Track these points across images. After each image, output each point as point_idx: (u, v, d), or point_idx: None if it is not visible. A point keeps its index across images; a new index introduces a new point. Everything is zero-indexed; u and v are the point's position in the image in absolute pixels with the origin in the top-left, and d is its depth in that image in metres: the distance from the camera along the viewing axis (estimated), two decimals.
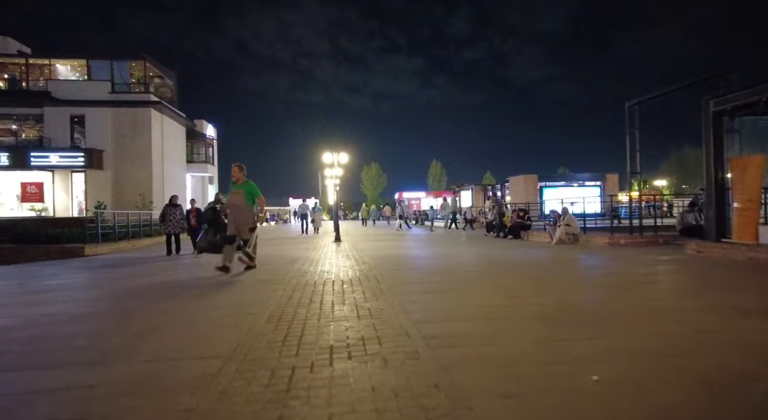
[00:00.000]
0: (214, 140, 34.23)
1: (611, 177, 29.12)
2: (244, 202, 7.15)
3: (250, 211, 7.25)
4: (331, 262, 8.41)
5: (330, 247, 12.57)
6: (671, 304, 4.52)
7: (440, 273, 6.89)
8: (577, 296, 4.95)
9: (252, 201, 7.24)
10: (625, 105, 10.82)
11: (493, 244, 12.68)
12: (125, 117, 25.97)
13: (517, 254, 9.63)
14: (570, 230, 12.08)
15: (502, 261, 8.33)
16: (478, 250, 10.73)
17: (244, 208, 7.18)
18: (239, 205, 7.17)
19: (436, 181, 65.97)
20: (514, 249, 11.04)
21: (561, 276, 6.49)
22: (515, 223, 14.66)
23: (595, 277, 6.33)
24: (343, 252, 10.73)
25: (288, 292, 5.39)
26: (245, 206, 7.18)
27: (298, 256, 9.73)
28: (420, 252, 10.66)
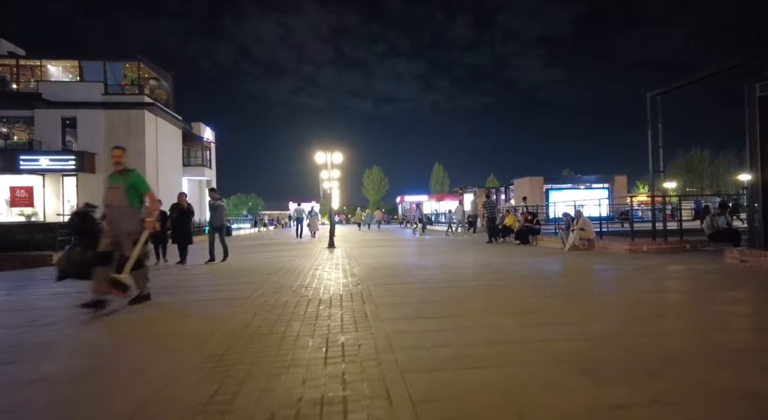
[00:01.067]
0: (211, 143, 33.25)
1: (619, 179, 27.89)
2: (124, 201, 4.92)
3: (133, 214, 4.97)
4: (316, 274, 7.27)
5: (321, 254, 11.44)
6: (745, 339, 3.35)
7: (439, 288, 5.73)
8: (612, 325, 3.78)
9: (137, 200, 5.03)
10: (647, 96, 9.64)
11: (498, 251, 11.51)
12: (118, 119, 25.02)
13: (528, 263, 8.46)
14: (584, 235, 10.89)
15: (510, 272, 7.17)
16: (483, 259, 9.56)
17: (124, 209, 4.91)
18: (118, 206, 4.91)
19: (439, 184, 64.68)
20: (523, 257, 9.86)
21: (584, 294, 5.32)
22: (523, 226, 13.47)
23: (626, 294, 5.16)
24: (334, 260, 9.60)
25: (247, 317, 4.24)
26: (126, 207, 4.92)
27: (281, 266, 8.60)
28: (418, 261, 9.50)
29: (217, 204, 9.80)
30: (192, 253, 10.06)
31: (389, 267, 8.04)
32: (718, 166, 46.08)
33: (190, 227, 9.73)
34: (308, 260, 9.66)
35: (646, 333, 3.48)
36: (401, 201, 45.51)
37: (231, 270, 8.24)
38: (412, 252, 11.68)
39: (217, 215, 9.86)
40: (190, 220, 9.85)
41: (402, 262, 9.10)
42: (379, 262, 8.97)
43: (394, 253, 11.26)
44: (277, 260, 9.94)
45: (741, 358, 2.84)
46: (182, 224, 9.55)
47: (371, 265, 8.28)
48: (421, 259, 9.82)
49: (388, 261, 9.17)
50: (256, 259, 10.63)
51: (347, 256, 10.37)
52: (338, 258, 10.10)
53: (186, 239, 9.62)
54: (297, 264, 8.90)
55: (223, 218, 10.27)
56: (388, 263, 8.69)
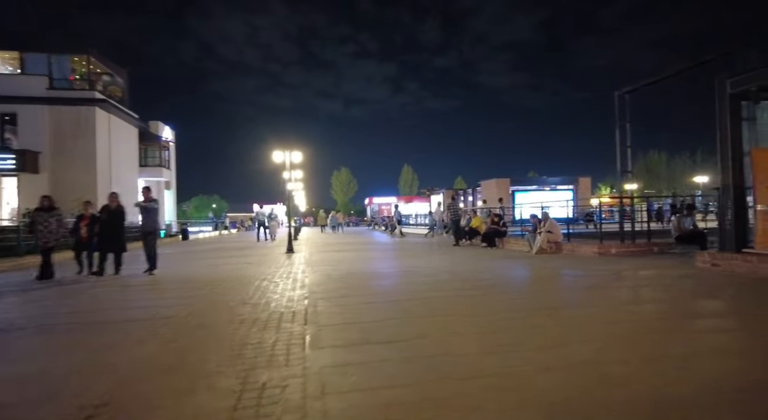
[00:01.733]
0: (170, 142, 31.60)
1: (584, 180, 28.17)
2: None
3: None
4: (262, 285, 6.46)
5: (278, 260, 10.59)
6: (747, 368, 2.82)
7: (397, 302, 5.06)
8: (591, 348, 3.20)
9: None
10: (615, 94, 9.33)
11: (465, 255, 10.99)
12: (66, 116, 23.25)
13: (495, 269, 7.93)
14: (552, 238, 10.50)
15: (477, 280, 6.59)
16: (449, 264, 8.98)
17: None
18: None
19: (408, 186, 64.28)
20: (491, 261, 9.35)
21: (556, 307, 4.76)
22: (489, 229, 13.03)
23: (601, 307, 4.64)
24: (289, 267, 8.79)
25: (161, 345, 3.44)
26: None
27: (228, 275, 7.73)
28: (380, 267, 8.83)
29: (150, 206, 8.42)
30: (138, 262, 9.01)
31: (347, 275, 7.31)
32: (674, 168, 47.79)
33: (121, 232, 8.40)
34: (261, 268, 8.82)
35: (630, 359, 2.91)
36: (370, 203, 44.78)
37: (168, 281, 7.31)
38: (374, 257, 11.00)
39: (149, 218, 8.49)
40: (121, 224, 8.43)
41: (362, 269, 8.39)
42: (337, 269, 8.23)
43: (356, 259, 10.55)
44: (226, 268, 9.04)
45: (750, 400, 2.29)
46: (111, 229, 8.19)
47: (327, 274, 7.54)
48: (383, 265, 9.14)
49: (348, 268, 8.45)
50: (204, 267, 9.69)
51: (305, 263, 9.58)
52: (294, 265, 9.30)
53: (115, 246, 8.22)
54: (247, 273, 8.04)
55: (157, 222, 8.94)
56: (346, 271, 7.97)
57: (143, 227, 8.55)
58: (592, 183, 29.88)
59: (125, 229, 8.71)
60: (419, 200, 41.06)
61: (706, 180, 30.80)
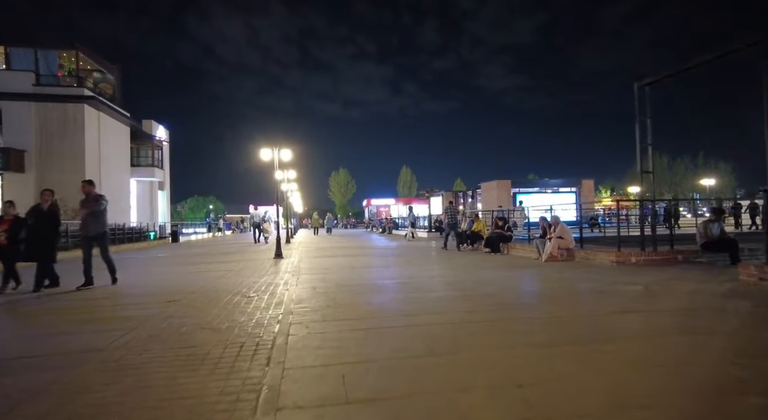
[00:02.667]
0: (163, 142, 30.58)
1: (587, 183, 27.22)
2: None
3: None
4: (234, 300, 5.45)
5: (263, 266, 9.58)
6: None
7: (390, 330, 4.05)
8: (656, 414, 2.19)
9: None
10: (634, 86, 8.35)
11: (468, 262, 9.99)
12: (53, 113, 22.27)
13: (504, 281, 6.94)
14: (563, 244, 9.50)
15: (485, 297, 5.59)
16: (451, 274, 7.99)
17: None
18: None
19: (407, 187, 63.18)
20: (497, 270, 8.36)
21: (585, 340, 3.72)
22: (493, 233, 12.04)
23: (645, 340, 3.63)
24: (271, 276, 7.77)
25: (50, 404, 2.43)
26: None
27: (197, 287, 6.70)
28: (375, 277, 7.82)
29: (98, 206, 6.96)
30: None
31: (334, 289, 6.30)
32: (676, 171, 46.80)
33: (52, 238, 6.86)
34: (240, 277, 7.81)
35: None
36: (368, 204, 43.73)
37: (121, 296, 6.25)
38: (369, 264, 9.99)
39: (94, 220, 6.97)
40: (54, 229, 6.92)
41: (353, 279, 7.38)
42: (326, 280, 7.22)
43: (349, 266, 9.54)
44: (202, 277, 8.03)
45: None
46: (39, 234, 6.70)
47: (313, 286, 6.52)
48: (377, 274, 8.13)
49: (338, 278, 7.44)
50: (178, 275, 8.68)
51: (291, 271, 8.57)
52: (279, 273, 8.29)
53: (41, 255, 6.65)
54: (221, 284, 7.03)
55: (104, 224, 7.20)
56: (335, 282, 6.96)
57: (86, 230, 6.99)
58: (596, 185, 28.94)
59: (59, 235, 7.30)
60: (418, 202, 40.05)
61: (713, 183, 29.82)
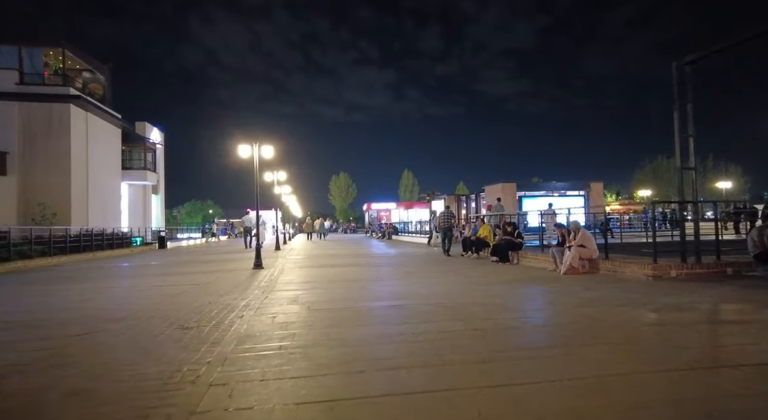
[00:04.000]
0: (156, 145, 29.29)
1: (596, 185, 25.67)
2: None
3: None
4: (156, 340, 3.98)
5: (234, 280, 8.13)
6: None
7: (363, 401, 2.59)
8: None
9: None
10: (673, 66, 6.90)
11: (474, 274, 8.54)
12: (37, 113, 20.99)
13: (518, 303, 5.47)
14: (585, 254, 8.02)
15: (500, 331, 4.12)
16: (455, 291, 6.53)
17: None
18: None
19: (408, 191, 61.56)
20: (509, 286, 6.89)
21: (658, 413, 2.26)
22: (502, 240, 10.55)
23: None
24: (238, 293, 6.31)
25: None
26: None
27: (138, 309, 5.24)
28: (362, 296, 6.35)
29: None
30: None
31: (303, 316, 4.83)
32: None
33: None
34: (199, 295, 6.35)
35: None
36: (368, 209, 42.26)
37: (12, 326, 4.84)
38: (359, 277, 8.53)
39: None
40: None
41: (334, 300, 5.91)
42: (299, 300, 5.76)
43: (335, 279, 8.09)
44: (152, 294, 6.58)
45: None
46: None
47: (283, 310, 5.05)
48: (365, 293, 6.67)
49: (315, 298, 5.99)
50: (126, 290, 7.26)
51: (264, 287, 7.12)
52: (249, 289, 6.84)
53: None
54: (168, 306, 5.57)
55: None
56: (309, 304, 5.50)
57: None
58: (604, 189, 27.47)
59: None
60: (419, 206, 38.55)
61: (729, 185, 28.32)
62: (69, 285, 8.02)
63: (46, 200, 20.38)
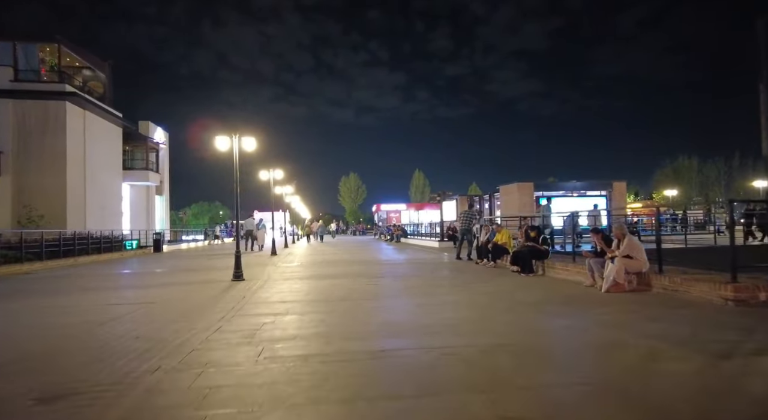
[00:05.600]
0: (159, 144, 28.14)
1: (618, 185, 23.61)
2: None
3: None
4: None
5: (204, 295, 6.61)
6: None
7: None
8: None
9: None
10: (757, 25, 5.17)
11: (491, 291, 6.89)
12: (32, 111, 19.90)
13: (564, 344, 3.82)
14: (633, 266, 6.28)
15: (545, 402, 2.49)
16: (467, 320, 4.90)
17: None
18: None
19: (419, 192, 59.65)
20: (537, 309, 5.23)
21: None
22: (524, 247, 8.84)
23: None
24: (193, 321, 4.78)
25: None
26: None
27: (23, 354, 3.76)
28: (342, 331, 4.78)
29: None
30: None
31: (256, 371, 3.28)
32: (707, 174, 42.45)
33: None
34: (132, 326, 4.82)
35: None
36: (377, 210, 40.70)
37: None
38: (350, 295, 6.92)
39: None
40: None
41: (309, 335, 4.33)
42: (265, 335, 4.20)
43: (323, 296, 6.53)
44: (67, 323, 5.09)
45: None
46: None
47: (221, 360, 3.52)
48: (355, 319, 5.06)
49: (290, 327, 4.41)
50: (43, 312, 5.79)
51: (230, 309, 5.58)
52: (209, 314, 5.30)
53: None
54: (65, 348, 4.04)
55: None
56: (274, 344, 3.93)
57: None
58: (628, 189, 25.47)
59: None
60: (431, 207, 36.81)
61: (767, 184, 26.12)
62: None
63: (40, 201, 19.30)
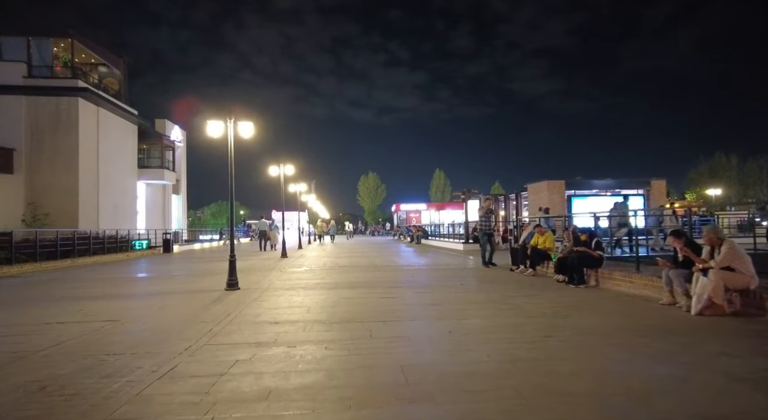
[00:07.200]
0: (175, 143, 27.40)
1: (657, 183, 21.51)
2: None
3: None
4: None
5: (184, 310, 5.34)
6: None
7: None
8: None
9: None
10: None
11: (539, 309, 5.40)
12: (45, 108, 19.28)
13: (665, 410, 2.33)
14: (737, 282, 4.68)
15: None
16: (524, 358, 3.44)
17: None
18: None
19: (440, 192, 57.81)
20: (616, 344, 3.73)
21: None
22: (572, 252, 7.27)
23: None
24: (159, 342, 3.49)
25: None
26: None
27: None
28: (354, 371, 3.38)
29: None
30: None
31: None
32: (748, 173, 39.35)
33: None
34: (54, 364, 3.56)
35: None
36: (397, 209, 39.30)
37: None
38: (366, 310, 5.53)
39: None
40: None
41: (290, 389, 2.96)
42: (226, 387, 2.86)
43: (325, 315, 5.16)
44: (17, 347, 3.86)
45: None
46: None
47: None
48: (361, 358, 3.67)
49: (268, 370, 3.07)
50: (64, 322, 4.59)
51: (205, 333, 4.27)
52: (172, 343, 4.00)
53: None
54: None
55: None
56: (232, 407, 2.58)
57: None
58: (668, 186, 23.39)
59: None
60: (452, 207, 35.17)
61: None
62: None
63: (52, 199, 18.65)
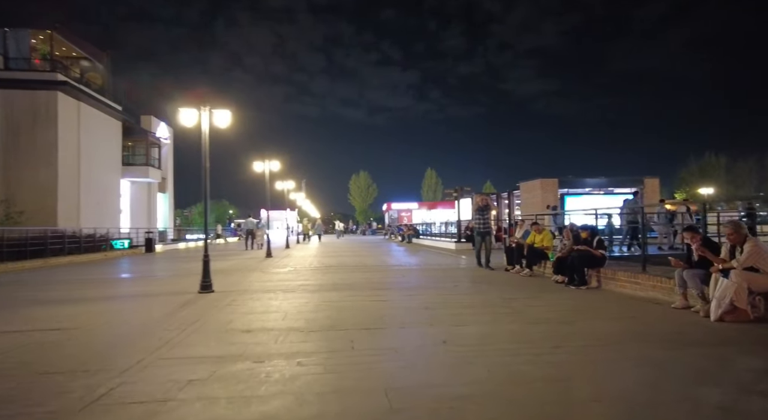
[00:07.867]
0: (162, 140, 26.55)
1: (651, 181, 21.20)
2: None
3: None
4: None
5: (141, 318, 4.73)
6: None
7: None
8: None
9: None
10: None
11: (540, 315, 4.89)
12: (21, 101, 18.38)
13: None
14: (761, 284, 4.19)
15: None
16: (528, 375, 2.89)
17: None
18: None
19: (431, 191, 57.34)
20: (635, 361, 3.22)
21: None
22: (572, 250, 6.77)
23: None
24: (113, 350, 2.89)
25: None
26: None
27: None
28: (327, 396, 2.81)
29: None
30: None
31: None
32: (737, 173, 39.43)
33: None
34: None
35: None
36: (388, 209, 38.75)
37: None
38: (350, 317, 4.96)
39: None
40: None
41: None
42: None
43: (303, 322, 4.59)
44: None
45: None
46: None
47: None
48: (337, 381, 3.11)
49: (239, 388, 2.49)
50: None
51: (166, 344, 3.67)
52: (111, 360, 3.41)
53: None
54: None
55: None
56: None
57: None
58: (661, 185, 23.10)
59: None
60: (444, 206, 34.70)
61: None
62: None
63: (29, 197, 17.76)
